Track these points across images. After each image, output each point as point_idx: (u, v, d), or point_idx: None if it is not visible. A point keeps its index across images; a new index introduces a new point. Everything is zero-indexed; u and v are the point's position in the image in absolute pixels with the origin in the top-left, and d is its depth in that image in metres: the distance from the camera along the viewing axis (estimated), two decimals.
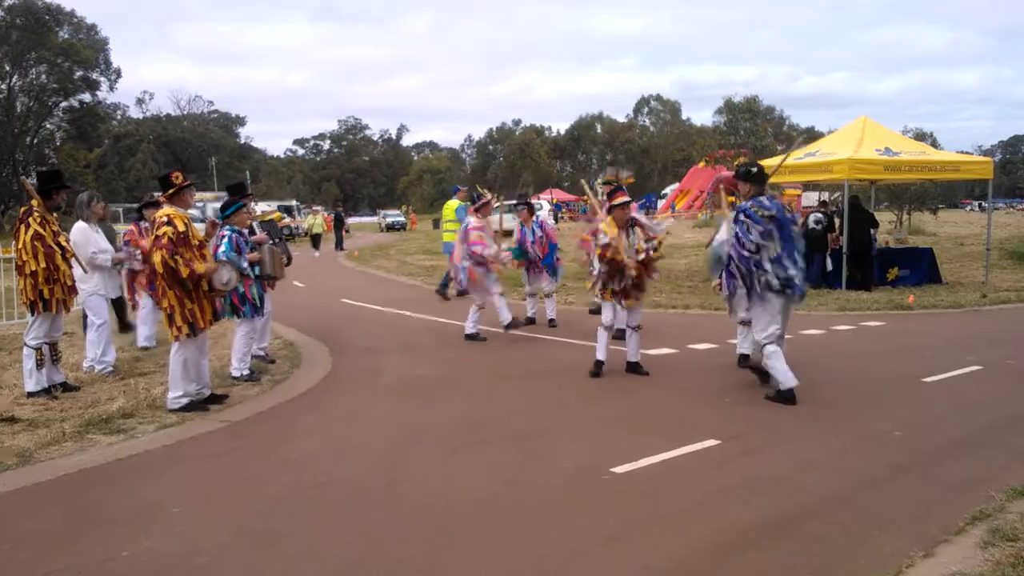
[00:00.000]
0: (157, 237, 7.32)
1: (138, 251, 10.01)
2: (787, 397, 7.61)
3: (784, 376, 7.63)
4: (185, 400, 7.59)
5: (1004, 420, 7.17)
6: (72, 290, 8.27)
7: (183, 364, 7.55)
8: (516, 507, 5.22)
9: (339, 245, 37.11)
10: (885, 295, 15.11)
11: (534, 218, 12.71)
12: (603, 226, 8.73)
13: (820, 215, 16.33)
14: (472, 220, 11.55)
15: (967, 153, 34.49)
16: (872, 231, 16.62)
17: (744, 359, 9.03)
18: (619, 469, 5.83)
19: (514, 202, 13.56)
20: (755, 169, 8.01)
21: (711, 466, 5.96)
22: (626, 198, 8.79)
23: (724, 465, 5.97)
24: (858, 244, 16.00)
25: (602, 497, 5.36)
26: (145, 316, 10.76)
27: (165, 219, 7.40)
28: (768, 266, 7.57)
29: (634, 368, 9.07)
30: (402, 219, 64.54)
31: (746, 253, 7.57)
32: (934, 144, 35.64)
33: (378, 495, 5.45)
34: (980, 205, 77.91)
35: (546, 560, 4.41)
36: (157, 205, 11.02)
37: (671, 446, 6.32)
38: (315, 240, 35.07)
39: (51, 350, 8.23)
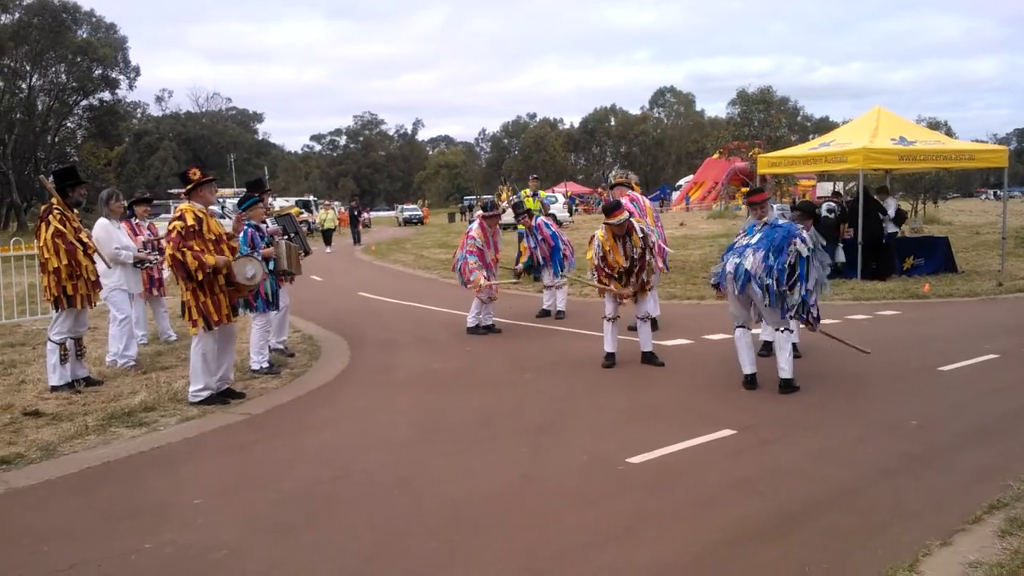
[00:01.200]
0: (168, 232, 7.49)
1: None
2: (744, 382, 7.97)
3: (741, 362, 7.98)
4: (205, 393, 7.68)
5: (1021, 408, 7.14)
6: (96, 285, 8.38)
7: (203, 358, 7.64)
8: (531, 501, 5.26)
9: (356, 240, 37.21)
10: (900, 284, 15.04)
11: (533, 222, 12.78)
12: (599, 235, 8.86)
13: (833, 204, 16.24)
14: (475, 226, 11.59)
15: (982, 142, 34.18)
16: (882, 217, 16.52)
17: (767, 346, 9.02)
18: (634, 460, 5.86)
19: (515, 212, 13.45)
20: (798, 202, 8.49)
21: (726, 457, 5.98)
22: (622, 216, 8.75)
23: (739, 455, 5.99)
24: (870, 234, 15.92)
25: (617, 489, 5.39)
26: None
27: (178, 214, 7.54)
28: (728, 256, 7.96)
29: (649, 358, 9.10)
30: (419, 213, 64.96)
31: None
32: (948, 133, 35.35)
33: (394, 489, 5.50)
34: (995, 193, 77.25)
35: (561, 554, 4.44)
36: (148, 202, 11.17)
37: (686, 437, 6.34)
38: (327, 236, 34.75)
39: (75, 345, 8.34)
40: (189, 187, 7.65)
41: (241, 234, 8.62)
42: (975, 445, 6.16)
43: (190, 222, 7.42)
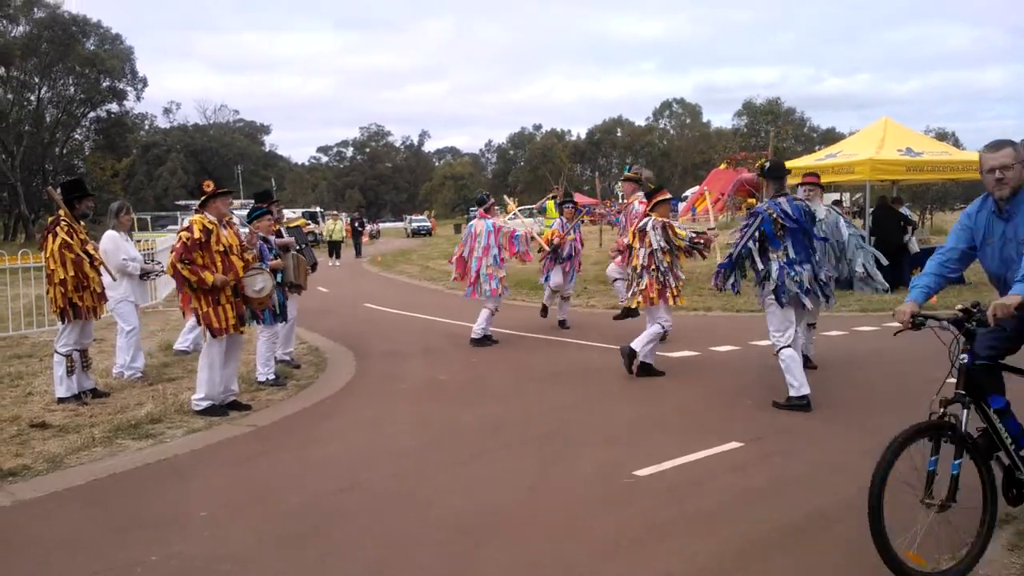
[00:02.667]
0: (175, 242, 7.56)
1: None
2: (801, 405, 7.45)
3: (799, 381, 7.48)
4: (206, 403, 7.69)
5: None
6: (101, 297, 8.40)
7: (209, 367, 7.67)
8: (538, 511, 5.24)
9: (358, 252, 37.24)
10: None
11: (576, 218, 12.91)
12: (657, 217, 8.87)
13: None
14: (494, 220, 11.71)
15: None
16: (908, 229, 16.40)
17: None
18: (642, 472, 5.83)
19: (559, 201, 13.56)
20: (768, 165, 8.02)
21: (734, 468, 5.95)
22: (668, 195, 8.96)
23: (747, 468, 5.96)
24: (886, 245, 15.82)
25: (625, 501, 5.37)
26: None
27: (186, 225, 7.64)
28: (777, 269, 7.48)
29: (628, 353, 8.99)
30: (428, 224, 65.14)
31: (750, 246, 7.63)
32: (956, 144, 35.30)
33: (400, 500, 5.49)
34: None
35: (569, 565, 4.42)
36: None
37: (694, 449, 6.31)
38: (333, 247, 34.41)
39: (81, 357, 8.35)
40: (202, 199, 7.74)
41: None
42: None
43: (196, 234, 7.46)
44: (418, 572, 4.40)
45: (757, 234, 7.57)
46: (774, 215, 7.48)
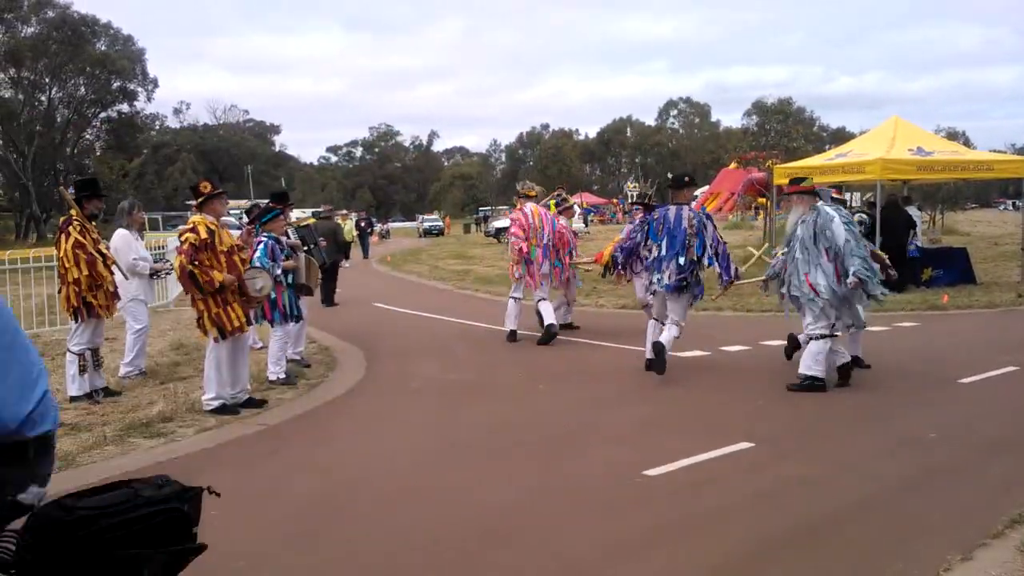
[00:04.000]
0: (181, 243, 7.59)
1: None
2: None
3: (647, 343, 9.00)
4: (217, 403, 7.71)
5: None
6: (114, 296, 8.44)
7: (216, 367, 7.69)
8: (547, 511, 5.24)
9: (365, 253, 37.25)
10: (919, 295, 14.90)
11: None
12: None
13: (864, 216, 15.88)
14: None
15: (1001, 152, 33.88)
16: (912, 231, 16.32)
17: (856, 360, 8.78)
18: (652, 472, 5.82)
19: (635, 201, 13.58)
20: (671, 176, 9.50)
21: (745, 469, 5.94)
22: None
23: (758, 468, 5.95)
24: (893, 247, 15.74)
25: (634, 501, 5.37)
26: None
27: (190, 226, 7.65)
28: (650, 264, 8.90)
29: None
30: (440, 224, 65.28)
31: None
32: (966, 143, 35.17)
33: (410, 500, 5.50)
34: (1015, 204, 76.54)
35: (577, 566, 4.42)
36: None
37: (704, 449, 6.30)
38: (344, 248, 34.23)
39: (93, 356, 8.39)
40: (200, 200, 7.76)
41: (262, 246, 8.70)
42: (995, 458, 6.10)
43: (203, 235, 7.49)
44: (426, 571, 4.41)
45: (641, 233, 9.19)
46: (657, 217, 8.87)
